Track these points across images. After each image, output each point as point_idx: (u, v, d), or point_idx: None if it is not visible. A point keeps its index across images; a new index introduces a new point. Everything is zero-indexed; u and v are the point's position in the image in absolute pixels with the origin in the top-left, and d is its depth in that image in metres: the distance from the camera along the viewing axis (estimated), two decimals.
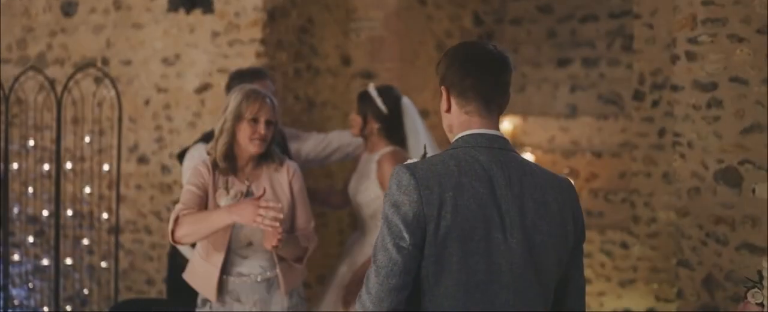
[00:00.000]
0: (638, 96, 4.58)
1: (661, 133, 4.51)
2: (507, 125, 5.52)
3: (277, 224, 2.74)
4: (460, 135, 2.04)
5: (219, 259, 3.10)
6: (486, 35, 6.26)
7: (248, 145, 3.11)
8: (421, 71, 5.63)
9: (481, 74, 2.01)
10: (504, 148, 2.02)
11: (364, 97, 3.48)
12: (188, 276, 3.28)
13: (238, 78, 3.67)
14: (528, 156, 5.29)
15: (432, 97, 5.68)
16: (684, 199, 3.55)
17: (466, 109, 2.02)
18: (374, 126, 3.56)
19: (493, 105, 2.04)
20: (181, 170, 3.86)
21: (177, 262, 3.71)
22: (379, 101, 3.42)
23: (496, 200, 1.93)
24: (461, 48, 2.09)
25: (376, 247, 1.95)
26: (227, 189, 3.06)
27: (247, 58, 4.85)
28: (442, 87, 2.06)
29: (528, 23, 6.24)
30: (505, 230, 1.93)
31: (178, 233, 2.98)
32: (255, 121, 3.06)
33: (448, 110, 2.06)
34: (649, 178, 4.56)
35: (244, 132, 3.09)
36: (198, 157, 3.51)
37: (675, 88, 3.62)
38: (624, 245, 4.68)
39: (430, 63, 5.66)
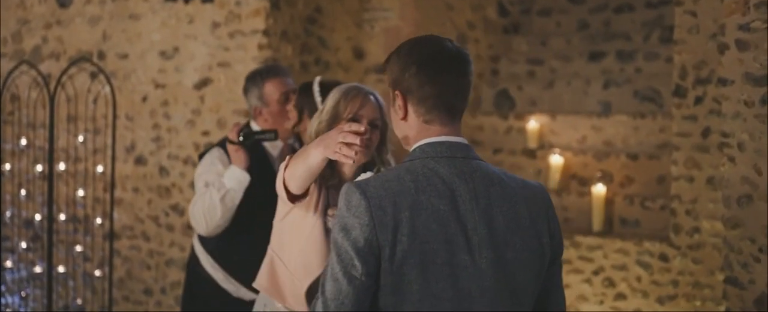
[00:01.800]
0: (679, 92, 4.19)
1: (706, 133, 4.12)
2: (533, 124, 5.12)
3: (357, 142, 2.03)
4: (417, 144, 1.86)
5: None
6: (512, 27, 5.85)
7: None
8: None
9: (444, 79, 1.80)
10: (468, 157, 1.82)
11: (305, 90, 2.93)
12: (263, 283, 2.83)
13: (252, 79, 3.28)
14: (557, 158, 4.90)
15: None
16: (733, 209, 3.23)
17: (425, 117, 1.83)
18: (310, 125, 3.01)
19: (456, 110, 1.84)
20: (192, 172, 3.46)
21: (198, 274, 3.34)
22: (318, 99, 2.85)
23: (460, 217, 1.75)
24: (417, 47, 1.84)
25: (325, 276, 1.76)
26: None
27: (248, 50, 4.49)
28: (396, 92, 1.84)
29: (558, 14, 5.87)
30: (472, 251, 1.74)
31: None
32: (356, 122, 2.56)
33: (404, 118, 1.86)
34: (692, 184, 4.16)
35: None
36: (212, 162, 3.16)
37: (723, 82, 3.32)
38: (663, 257, 4.29)
39: None
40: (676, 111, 4.22)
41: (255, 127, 3.24)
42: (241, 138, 3.00)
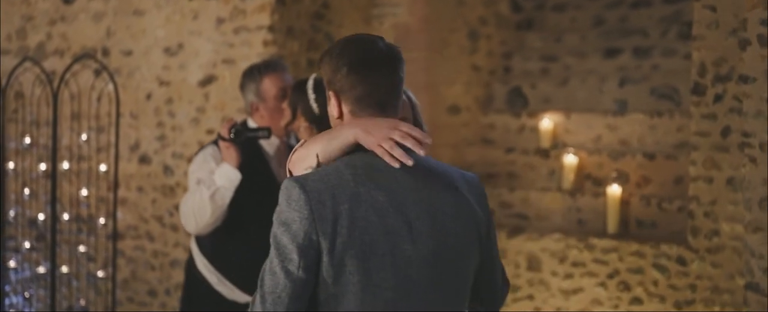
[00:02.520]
0: (698, 89, 4.06)
1: (726, 132, 3.99)
2: (547, 123, 5.01)
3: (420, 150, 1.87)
4: None
5: None
6: (525, 23, 5.72)
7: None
8: (451, 62, 5.11)
9: (376, 78, 1.84)
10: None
11: (299, 87, 2.81)
12: None
13: (249, 74, 3.20)
14: (571, 158, 4.78)
15: (464, 91, 5.16)
16: (755, 211, 3.14)
17: (359, 115, 1.87)
18: (303, 123, 2.89)
19: (389, 106, 1.88)
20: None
21: (194, 275, 3.26)
22: (312, 98, 2.72)
23: (401, 208, 1.79)
24: (347, 48, 1.87)
25: (264, 271, 1.78)
26: None
27: (253, 47, 4.39)
28: (330, 92, 1.89)
29: (572, 9, 5.76)
30: (415, 240, 1.79)
31: None
32: None
33: (340, 117, 1.90)
34: (711, 185, 4.03)
35: None
36: (205, 159, 3.08)
37: (744, 80, 3.23)
38: (681, 261, 4.16)
39: (461, 53, 5.15)
40: (695, 109, 4.08)
41: (251, 124, 3.15)
42: (232, 135, 2.92)
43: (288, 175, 1.92)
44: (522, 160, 5.05)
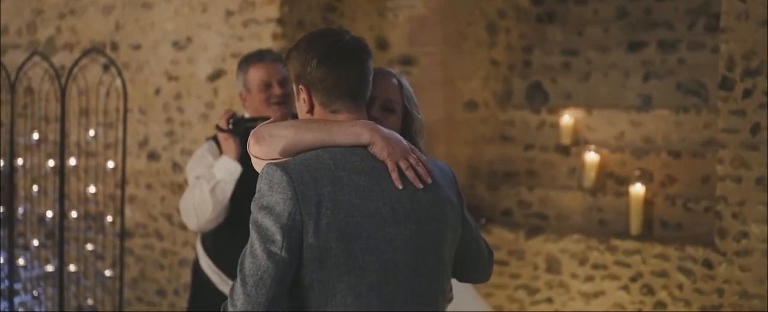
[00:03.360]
0: (726, 84, 3.90)
1: (755, 129, 3.82)
2: (567, 119, 4.85)
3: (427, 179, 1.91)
4: None
5: None
6: (546, 15, 5.54)
7: None
8: (468, 56, 4.97)
9: (345, 70, 1.88)
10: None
11: None
12: None
13: (239, 64, 3.10)
14: (592, 156, 4.63)
15: (482, 86, 5.01)
16: None
17: (331, 108, 1.90)
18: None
19: (359, 97, 1.92)
20: None
21: (199, 276, 3.18)
22: None
23: (383, 192, 1.82)
24: (315, 41, 1.91)
25: (243, 256, 1.78)
26: None
27: (263, 40, 4.26)
28: (300, 86, 1.91)
29: (595, 1, 5.62)
30: (398, 223, 1.82)
31: None
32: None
33: (309, 111, 1.93)
34: (739, 184, 3.86)
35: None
36: (202, 155, 3.01)
37: None
38: (707, 264, 3.98)
39: (478, 47, 4.99)
40: (723, 105, 3.92)
41: (246, 115, 3.03)
42: (230, 126, 2.83)
43: (250, 149, 1.90)
44: (541, 158, 4.91)
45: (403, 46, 4.85)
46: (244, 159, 2.85)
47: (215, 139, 3.01)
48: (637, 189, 4.31)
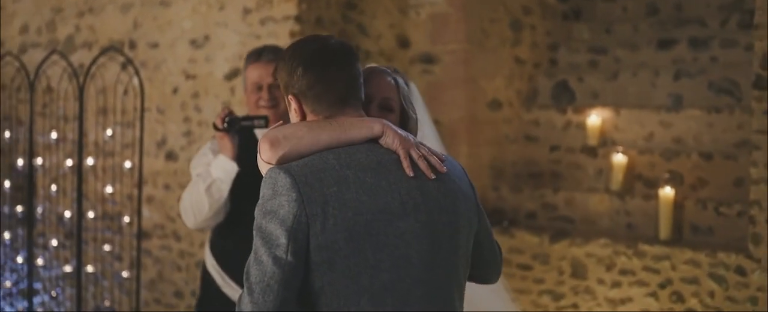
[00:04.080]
0: (760, 83, 3.83)
1: None
2: (594, 119, 4.74)
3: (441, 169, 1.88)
4: None
5: None
6: (572, 12, 5.42)
7: None
8: (492, 55, 4.87)
9: (332, 73, 1.84)
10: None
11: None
12: None
13: (245, 60, 3.05)
14: (620, 157, 4.52)
15: (505, 85, 4.91)
16: None
17: (326, 114, 1.86)
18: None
19: (352, 101, 1.88)
20: None
21: (205, 276, 3.14)
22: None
23: (391, 186, 1.78)
24: (299, 48, 1.88)
25: (249, 264, 1.73)
26: None
27: (280, 38, 4.19)
28: (289, 96, 1.88)
29: None
30: (407, 217, 1.77)
31: None
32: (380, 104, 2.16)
33: (302, 120, 1.89)
34: None
35: None
36: (204, 153, 2.98)
37: None
38: (740, 271, 3.87)
39: (502, 45, 4.89)
40: (757, 105, 3.81)
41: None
42: (225, 125, 2.77)
43: (263, 154, 1.85)
44: (567, 159, 4.81)
45: (425, 44, 4.76)
46: (240, 158, 2.82)
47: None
48: (667, 192, 4.20)
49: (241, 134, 2.84)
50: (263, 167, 1.84)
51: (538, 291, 4.44)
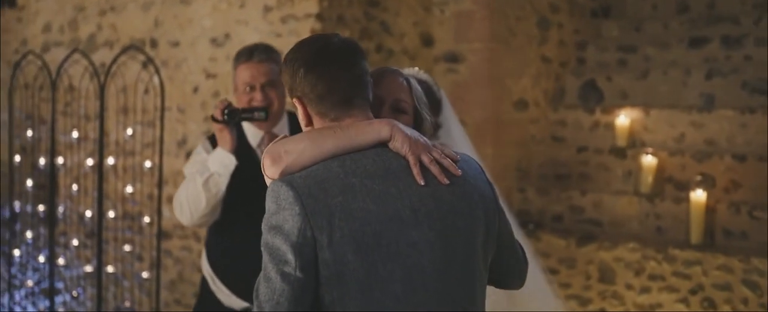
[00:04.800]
0: None
1: None
2: (623, 119, 4.65)
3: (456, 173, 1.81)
4: None
5: None
6: (601, 10, 5.32)
7: None
8: (518, 53, 4.79)
9: (335, 73, 1.76)
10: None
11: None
12: None
13: (234, 59, 2.96)
14: (649, 159, 4.43)
15: (532, 84, 4.81)
16: None
17: (329, 116, 1.78)
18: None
19: (359, 101, 1.79)
20: None
21: (202, 277, 3.07)
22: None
23: (401, 193, 1.71)
24: (301, 49, 1.80)
25: (258, 282, 1.68)
26: None
27: (301, 36, 4.05)
28: (294, 99, 1.81)
29: None
30: (420, 224, 1.70)
31: None
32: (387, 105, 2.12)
33: (309, 124, 1.83)
34: None
35: None
36: (197, 151, 2.92)
37: None
38: None
39: (529, 44, 4.80)
40: None
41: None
42: (225, 116, 2.68)
43: (266, 171, 1.77)
44: (595, 161, 4.73)
45: (450, 43, 4.68)
46: (239, 152, 2.75)
47: (212, 137, 2.88)
48: (698, 195, 4.11)
49: (239, 127, 2.80)
50: (269, 183, 1.78)
51: (564, 296, 4.35)
